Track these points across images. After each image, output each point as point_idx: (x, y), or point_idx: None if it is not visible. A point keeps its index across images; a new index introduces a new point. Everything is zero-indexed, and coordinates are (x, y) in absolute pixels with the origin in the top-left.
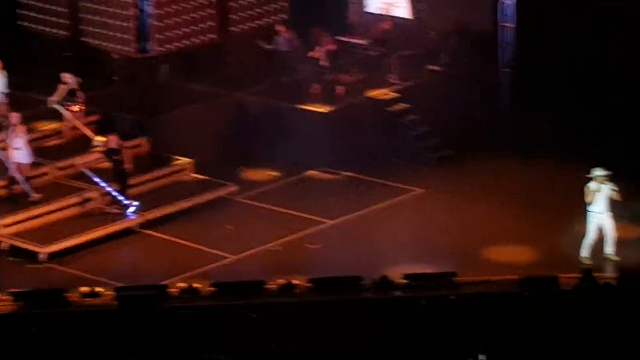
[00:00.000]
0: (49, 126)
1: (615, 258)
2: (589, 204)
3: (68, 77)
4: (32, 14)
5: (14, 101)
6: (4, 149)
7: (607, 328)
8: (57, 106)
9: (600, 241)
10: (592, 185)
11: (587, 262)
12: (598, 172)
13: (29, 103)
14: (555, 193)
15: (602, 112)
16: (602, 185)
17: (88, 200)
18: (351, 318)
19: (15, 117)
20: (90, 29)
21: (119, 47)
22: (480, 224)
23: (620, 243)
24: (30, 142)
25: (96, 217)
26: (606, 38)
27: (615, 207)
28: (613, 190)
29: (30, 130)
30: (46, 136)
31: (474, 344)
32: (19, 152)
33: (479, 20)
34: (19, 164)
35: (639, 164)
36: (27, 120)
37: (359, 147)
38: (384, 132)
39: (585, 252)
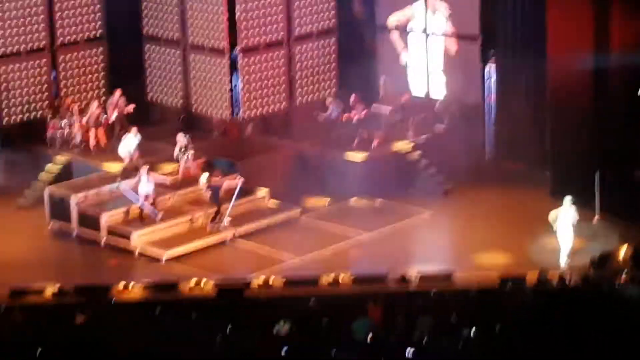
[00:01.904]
0: (170, 167)
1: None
2: (554, 223)
3: (181, 136)
4: (155, 88)
5: (147, 151)
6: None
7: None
8: (176, 154)
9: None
10: (560, 209)
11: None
12: (567, 199)
13: (156, 152)
14: (524, 215)
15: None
16: (568, 210)
17: (195, 219)
18: (382, 305)
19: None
20: (198, 99)
21: (218, 111)
22: (470, 236)
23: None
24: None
25: (201, 231)
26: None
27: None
28: (574, 213)
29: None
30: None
31: (466, 323)
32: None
33: (471, 94)
34: (147, 195)
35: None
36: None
37: (386, 183)
38: (405, 172)
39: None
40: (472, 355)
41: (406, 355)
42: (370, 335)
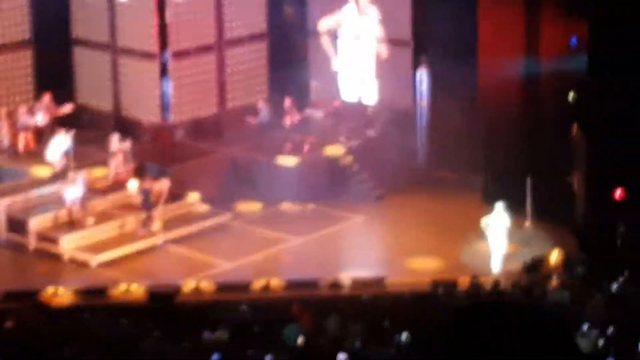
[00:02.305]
0: (100, 172)
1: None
2: (486, 229)
3: (116, 140)
4: (85, 91)
5: (77, 155)
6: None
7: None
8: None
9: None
10: (492, 214)
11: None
12: (498, 205)
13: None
14: (456, 220)
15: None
16: (499, 216)
17: (125, 224)
18: (311, 309)
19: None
20: (128, 103)
21: (148, 115)
22: (403, 242)
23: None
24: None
25: (131, 235)
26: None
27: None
28: (506, 219)
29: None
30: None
31: (398, 328)
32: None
33: (402, 100)
34: (75, 199)
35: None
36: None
37: (318, 188)
38: (337, 178)
39: (497, 265)
40: None
41: None
42: (301, 340)
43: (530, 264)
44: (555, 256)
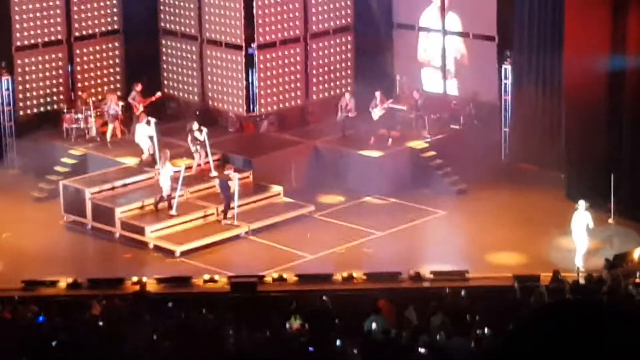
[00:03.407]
0: (185, 162)
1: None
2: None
3: (198, 130)
4: (172, 82)
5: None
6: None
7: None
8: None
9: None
10: (576, 213)
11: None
12: (581, 204)
13: (170, 146)
14: (539, 215)
15: (577, 156)
16: (583, 213)
17: (209, 215)
18: (393, 302)
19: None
20: (214, 94)
21: (234, 107)
22: (485, 236)
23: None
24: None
25: (214, 226)
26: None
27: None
28: (588, 217)
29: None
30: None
31: (477, 322)
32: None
33: (487, 93)
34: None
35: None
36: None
37: (401, 181)
38: (419, 171)
39: (579, 261)
40: (483, 354)
41: (419, 353)
42: (382, 332)
43: (613, 261)
44: (638, 253)
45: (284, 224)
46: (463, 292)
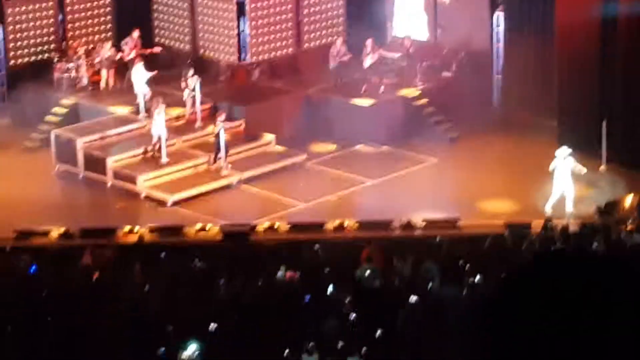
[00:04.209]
0: (176, 111)
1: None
2: (552, 172)
3: (192, 77)
4: (163, 31)
5: (154, 95)
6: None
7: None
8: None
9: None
10: (557, 158)
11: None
12: (563, 149)
13: (163, 95)
14: (531, 163)
15: (569, 103)
16: (565, 160)
17: (200, 164)
18: (384, 250)
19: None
20: (206, 43)
21: (225, 55)
22: (477, 184)
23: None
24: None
25: (206, 175)
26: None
27: (574, 175)
28: (573, 163)
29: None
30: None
31: (470, 271)
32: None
33: (479, 41)
34: (160, 136)
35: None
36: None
37: (393, 130)
38: (411, 119)
39: (548, 207)
40: (476, 302)
41: (410, 301)
42: (374, 280)
43: (604, 207)
44: (630, 200)
45: (276, 173)
46: (438, 238)
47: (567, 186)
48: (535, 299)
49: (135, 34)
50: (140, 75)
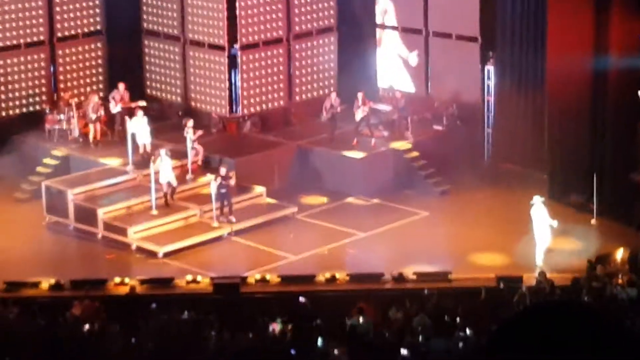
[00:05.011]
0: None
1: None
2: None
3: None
4: (154, 83)
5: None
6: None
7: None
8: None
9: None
10: (532, 209)
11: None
12: (536, 199)
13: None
14: (521, 216)
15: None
16: (539, 209)
17: (193, 215)
18: (376, 303)
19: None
20: (197, 95)
21: (217, 107)
22: (468, 237)
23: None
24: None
25: (197, 227)
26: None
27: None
28: (544, 212)
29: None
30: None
31: (461, 324)
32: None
33: (470, 94)
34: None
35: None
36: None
37: (384, 182)
38: (402, 172)
39: (539, 259)
40: (467, 355)
41: (401, 354)
42: (365, 333)
43: (595, 261)
44: (620, 254)
45: (267, 225)
46: (426, 291)
47: (539, 235)
48: (526, 351)
49: (121, 86)
50: (142, 126)
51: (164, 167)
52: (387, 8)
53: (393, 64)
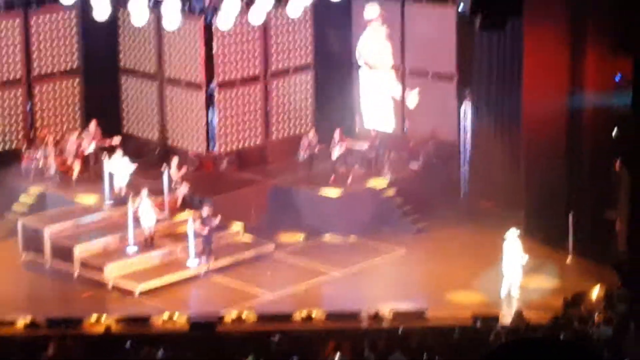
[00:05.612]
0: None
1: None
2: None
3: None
4: (131, 121)
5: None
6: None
7: None
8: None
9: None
10: (505, 242)
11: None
12: (510, 232)
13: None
14: (498, 254)
15: (536, 194)
16: (514, 243)
17: (169, 253)
18: (353, 342)
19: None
20: (174, 132)
21: (194, 145)
22: (445, 275)
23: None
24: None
25: (174, 265)
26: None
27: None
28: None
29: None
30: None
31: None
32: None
33: (446, 132)
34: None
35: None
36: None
37: (360, 220)
38: (379, 210)
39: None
40: None
41: None
42: None
43: (571, 299)
44: (597, 292)
45: (244, 263)
46: (401, 330)
47: (508, 269)
48: None
49: (92, 125)
50: (121, 166)
51: (144, 209)
52: (366, 46)
53: (372, 102)
